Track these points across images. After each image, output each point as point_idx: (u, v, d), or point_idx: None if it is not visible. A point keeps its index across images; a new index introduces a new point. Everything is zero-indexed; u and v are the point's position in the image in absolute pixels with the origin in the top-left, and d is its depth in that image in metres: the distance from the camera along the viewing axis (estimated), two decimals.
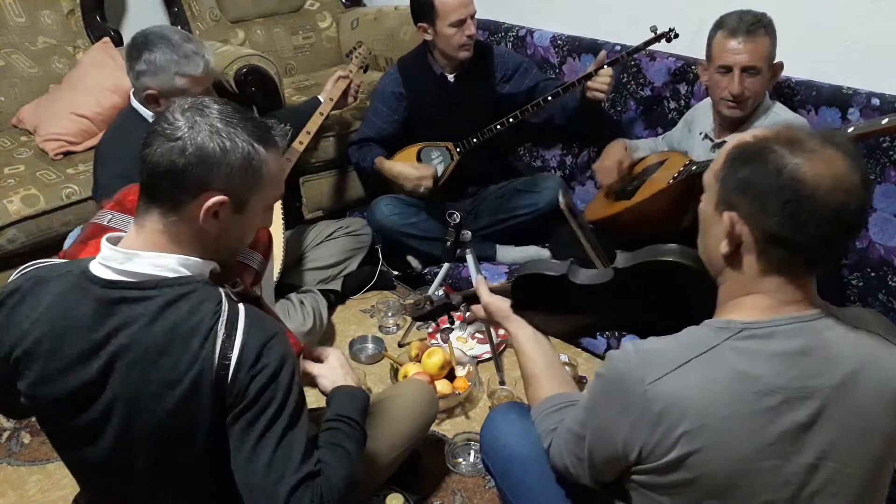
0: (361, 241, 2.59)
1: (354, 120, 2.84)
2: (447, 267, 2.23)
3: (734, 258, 1.02)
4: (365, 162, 2.63)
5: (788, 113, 1.97)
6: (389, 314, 2.43)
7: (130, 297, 1.07)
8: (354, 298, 2.57)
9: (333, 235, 2.57)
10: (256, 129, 1.11)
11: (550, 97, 2.38)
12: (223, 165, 1.07)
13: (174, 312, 1.06)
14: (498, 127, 2.45)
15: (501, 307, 1.41)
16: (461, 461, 1.85)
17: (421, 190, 2.51)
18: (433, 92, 2.56)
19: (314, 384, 1.36)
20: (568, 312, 1.33)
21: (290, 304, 2.27)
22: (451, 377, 2.09)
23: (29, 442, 1.97)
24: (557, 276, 1.27)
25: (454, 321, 1.66)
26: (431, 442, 1.90)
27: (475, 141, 2.50)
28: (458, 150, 2.55)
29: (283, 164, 1.18)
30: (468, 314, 1.64)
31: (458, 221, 2.04)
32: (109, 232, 1.58)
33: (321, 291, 2.40)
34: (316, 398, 1.42)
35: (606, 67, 2.31)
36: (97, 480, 1.22)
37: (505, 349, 2.27)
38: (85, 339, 1.07)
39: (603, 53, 2.34)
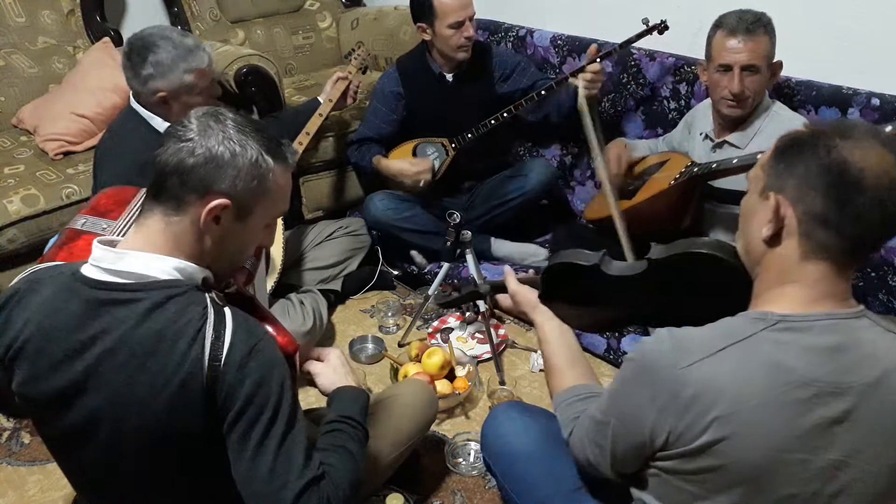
0: (361, 241, 2.59)
1: (354, 120, 2.84)
2: (447, 267, 2.23)
3: (775, 241, 1.02)
4: (364, 161, 2.64)
5: (789, 112, 1.97)
6: (389, 314, 2.43)
7: (118, 298, 1.07)
8: (354, 298, 2.57)
9: (333, 235, 2.57)
10: (268, 140, 1.13)
11: (544, 91, 2.39)
12: (231, 169, 1.08)
13: (161, 315, 1.06)
14: (492, 122, 2.45)
15: (529, 297, 1.40)
16: (461, 461, 1.85)
17: (420, 185, 2.51)
18: (432, 91, 2.56)
19: (314, 383, 1.36)
20: (597, 304, 1.34)
21: (290, 304, 2.27)
22: (451, 377, 2.09)
23: (29, 442, 1.97)
24: (590, 265, 1.28)
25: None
26: (431, 442, 1.90)
27: (470, 136, 2.51)
28: (453, 145, 2.55)
29: (289, 179, 1.20)
30: (470, 315, 1.65)
31: (458, 221, 2.04)
32: (84, 236, 1.60)
33: (321, 291, 2.40)
34: (316, 398, 1.42)
35: (598, 63, 2.29)
36: (89, 483, 1.22)
37: (505, 349, 2.27)
38: (70, 339, 1.07)
39: (593, 47, 2.33)
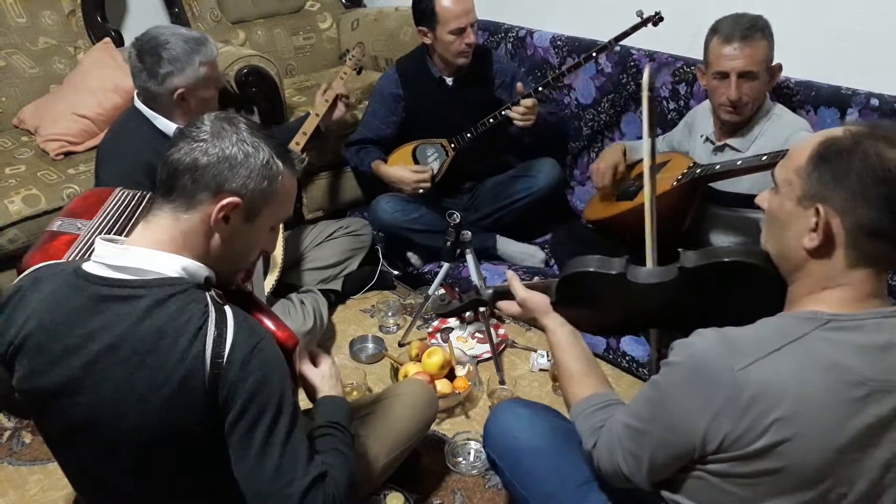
0: (361, 241, 2.59)
1: (354, 120, 2.84)
2: (447, 267, 2.23)
3: (820, 252, 1.01)
4: (363, 166, 2.64)
5: (790, 115, 1.96)
6: (389, 314, 2.43)
7: (119, 294, 1.07)
8: (354, 298, 2.58)
9: (333, 235, 2.57)
10: (278, 146, 1.17)
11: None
12: (243, 169, 1.11)
13: (162, 312, 1.06)
14: (490, 120, 2.45)
15: (540, 303, 1.36)
16: (461, 461, 1.85)
17: (420, 192, 2.51)
18: (431, 94, 2.56)
19: (307, 390, 1.37)
20: (614, 310, 1.30)
21: (290, 303, 2.27)
22: (451, 377, 2.09)
23: (30, 441, 1.97)
24: (615, 274, 1.24)
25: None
26: (431, 442, 1.90)
27: (469, 136, 2.51)
28: (452, 145, 2.55)
29: (295, 185, 1.22)
30: (470, 314, 1.62)
31: (458, 221, 2.04)
32: (60, 237, 1.62)
33: (321, 291, 2.40)
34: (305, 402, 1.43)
35: (527, 98, 2.35)
36: (89, 482, 1.22)
37: (505, 349, 2.27)
38: (70, 335, 1.08)
39: (519, 86, 2.39)
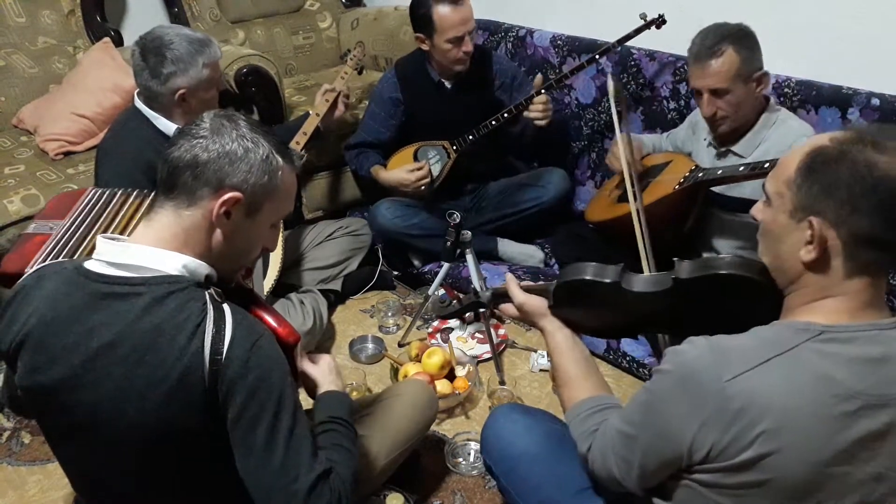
0: (361, 241, 2.59)
1: (354, 120, 2.84)
2: (447, 267, 2.23)
3: (817, 264, 0.99)
4: (362, 170, 2.64)
5: (796, 121, 1.93)
6: (389, 314, 2.43)
7: (119, 292, 1.08)
8: (354, 298, 2.57)
9: (333, 235, 2.57)
10: (277, 142, 1.17)
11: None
12: (244, 164, 1.11)
13: (161, 310, 1.06)
14: (493, 122, 2.44)
15: (538, 307, 1.35)
16: (461, 461, 1.85)
17: (422, 189, 2.51)
18: (431, 97, 2.55)
19: (307, 387, 1.37)
20: (611, 314, 1.31)
21: (290, 303, 2.27)
22: (451, 377, 2.09)
23: (29, 442, 1.97)
24: (610, 282, 1.24)
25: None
26: (431, 442, 1.90)
27: (471, 138, 2.50)
28: (454, 147, 2.54)
29: (295, 181, 1.23)
30: (470, 315, 1.63)
31: (458, 221, 2.04)
32: (35, 238, 1.64)
33: (321, 291, 2.40)
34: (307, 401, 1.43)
35: (542, 94, 2.31)
36: (88, 479, 1.23)
37: (505, 349, 2.27)
38: (70, 331, 1.08)
39: (539, 78, 2.34)
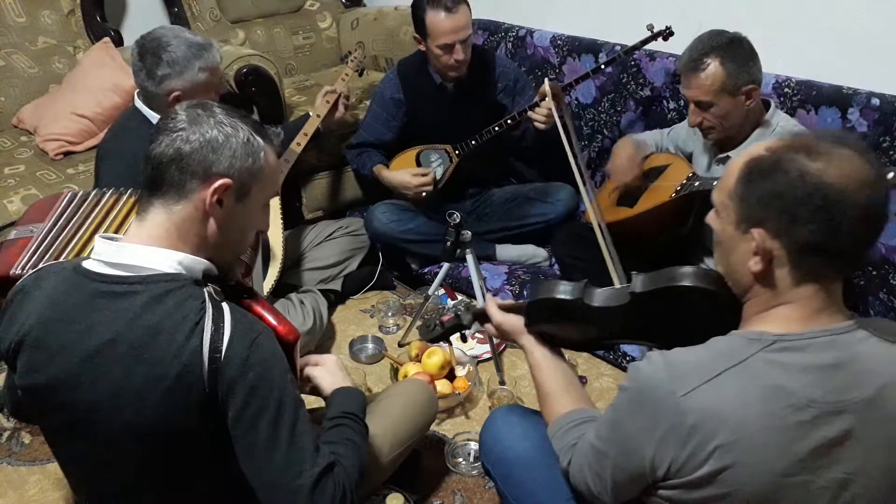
0: (361, 241, 2.59)
1: (354, 120, 2.83)
2: (447, 267, 2.23)
3: (765, 274, 0.99)
4: (364, 169, 2.63)
5: (794, 128, 1.91)
6: (389, 314, 2.43)
7: (117, 291, 1.08)
8: (354, 298, 2.57)
9: (333, 235, 2.57)
10: (254, 124, 1.17)
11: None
12: (227, 149, 1.11)
13: (159, 308, 1.06)
14: (496, 129, 2.43)
15: (515, 325, 1.38)
16: (461, 461, 1.85)
17: (423, 195, 2.50)
18: (433, 99, 2.53)
19: (314, 390, 1.38)
20: (583, 328, 1.33)
21: (290, 303, 2.27)
22: (451, 377, 2.09)
23: (29, 442, 1.97)
24: (572, 300, 1.27)
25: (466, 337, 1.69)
26: (431, 442, 1.90)
27: (474, 143, 2.49)
28: (456, 152, 2.53)
29: (277, 160, 1.23)
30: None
31: (457, 221, 2.04)
32: (17, 242, 1.65)
33: (321, 291, 2.40)
34: (317, 398, 1.43)
35: (547, 100, 2.27)
36: (87, 479, 1.23)
37: (505, 349, 2.27)
38: (68, 330, 1.08)
39: (545, 86, 2.28)
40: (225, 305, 1.10)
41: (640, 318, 1.22)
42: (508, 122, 2.41)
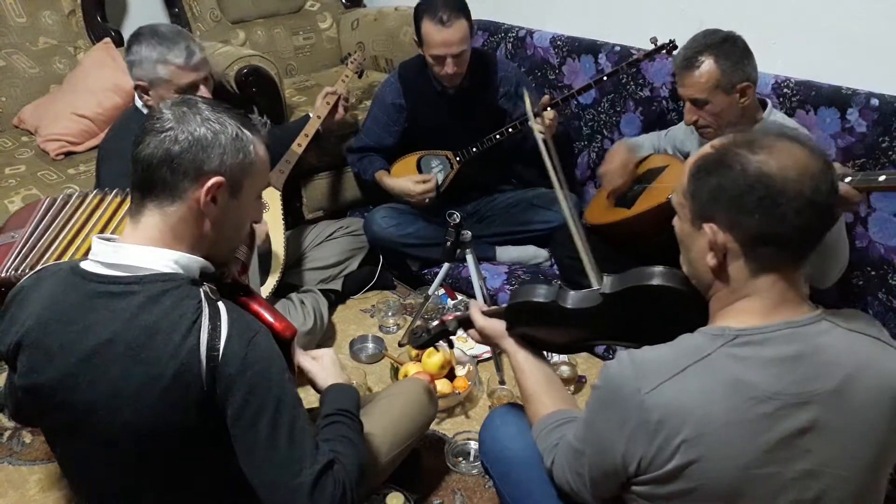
0: (362, 240, 2.59)
1: (354, 120, 2.84)
2: (447, 267, 2.23)
3: (722, 268, 1.02)
4: (366, 175, 2.63)
5: (789, 124, 1.91)
6: (389, 314, 2.43)
7: (114, 291, 1.08)
8: (355, 298, 2.57)
9: (334, 235, 2.57)
10: (241, 117, 1.16)
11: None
12: (217, 147, 1.11)
13: (156, 308, 1.06)
14: (497, 136, 2.42)
15: (497, 329, 1.41)
16: (461, 461, 1.85)
17: (426, 202, 2.50)
18: (434, 103, 2.52)
19: (310, 383, 1.37)
20: (563, 331, 1.35)
21: (290, 303, 2.28)
22: (451, 377, 2.09)
23: (30, 441, 1.97)
24: (547, 302, 1.30)
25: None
26: (431, 441, 1.90)
27: (475, 150, 2.48)
28: (457, 158, 2.53)
29: (266, 151, 1.21)
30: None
31: (458, 221, 2.04)
32: (0, 249, 1.63)
33: (321, 291, 2.40)
34: (316, 397, 1.43)
35: (549, 110, 2.26)
36: (86, 478, 1.23)
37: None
38: (65, 331, 1.08)
39: (546, 98, 2.28)
40: (221, 304, 1.10)
41: (613, 318, 1.25)
42: (510, 129, 2.39)
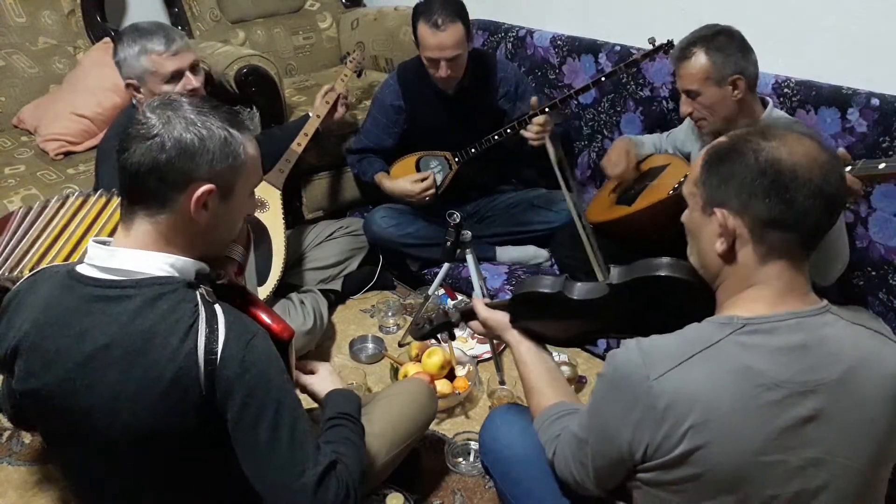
0: (361, 240, 2.59)
1: (353, 120, 2.84)
2: (447, 267, 2.23)
3: (731, 254, 1.03)
4: (366, 176, 2.63)
5: (789, 121, 1.93)
6: (389, 314, 2.43)
7: (110, 295, 1.07)
8: (354, 298, 2.57)
9: (334, 235, 2.57)
10: (227, 114, 1.13)
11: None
12: (204, 153, 1.08)
13: (153, 311, 1.06)
14: (496, 137, 2.41)
15: (500, 321, 1.41)
16: (461, 461, 1.85)
17: (426, 200, 2.50)
18: (433, 104, 2.51)
19: (311, 395, 1.38)
20: (567, 323, 1.35)
21: (290, 303, 2.27)
22: (451, 377, 2.09)
23: (29, 441, 1.97)
24: (553, 293, 1.29)
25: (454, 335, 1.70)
26: (431, 442, 1.90)
27: (473, 151, 2.48)
28: (456, 159, 2.52)
29: (257, 147, 1.18)
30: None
31: (458, 221, 2.04)
32: None
33: (321, 291, 2.40)
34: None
35: (539, 115, 2.26)
36: (86, 481, 1.23)
37: (505, 349, 2.27)
38: (63, 335, 1.08)
39: (534, 99, 2.27)
40: (218, 307, 1.09)
41: (619, 310, 1.25)
42: (508, 130, 2.38)
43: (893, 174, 1.44)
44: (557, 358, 2.10)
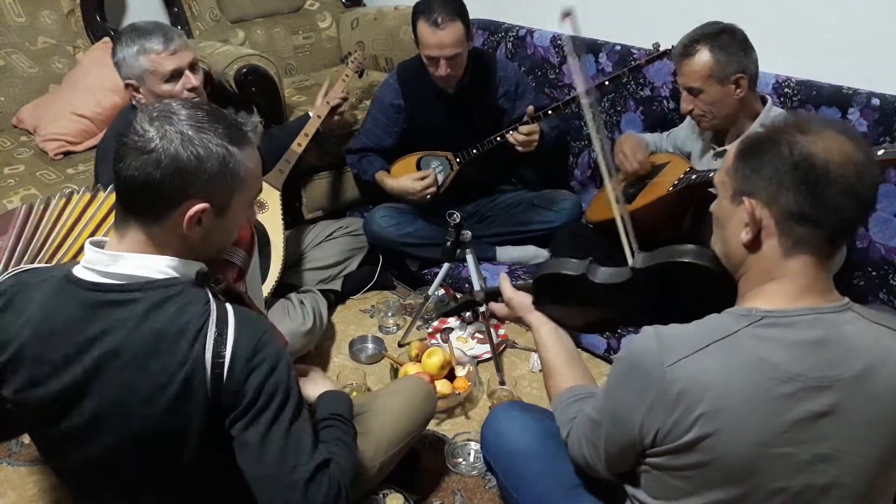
0: (361, 240, 2.59)
1: (354, 120, 2.84)
2: (447, 267, 2.23)
3: (756, 245, 1.03)
4: (366, 175, 2.62)
5: None
6: (389, 314, 2.43)
7: (115, 299, 1.07)
8: (354, 298, 2.57)
9: (333, 235, 2.57)
10: (228, 129, 1.09)
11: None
12: (200, 173, 1.05)
13: (161, 315, 1.05)
14: (497, 139, 2.41)
15: (524, 302, 1.43)
16: (461, 461, 1.85)
17: (427, 199, 2.50)
18: (433, 103, 2.51)
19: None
20: (589, 308, 1.37)
21: (290, 303, 2.27)
22: (451, 377, 2.09)
23: (29, 442, 1.97)
24: (577, 275, 1.31)
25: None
26: (431, 442, 1.90)
27: (475, 152, 2.48)
28: (457, 160, 2.52)
29: (258, 158, 1.15)
30: (469, 315, 1.70)
31: (458, 221, 2.04)
32: None
33: (321, 291, 2.40)
34: None
35: (528, 124, 2.26)
36: (86, 484, 1.22)
37: (505, 349, 2.27)
38: (69, 342, 1.07)
39: (531, 108, 2.29)
40: (229, 306, 1.09)
41: (640, 295, 1.26)
42: (510, 132, 2.38)
43: (891, 160, 1.45)
44: None
